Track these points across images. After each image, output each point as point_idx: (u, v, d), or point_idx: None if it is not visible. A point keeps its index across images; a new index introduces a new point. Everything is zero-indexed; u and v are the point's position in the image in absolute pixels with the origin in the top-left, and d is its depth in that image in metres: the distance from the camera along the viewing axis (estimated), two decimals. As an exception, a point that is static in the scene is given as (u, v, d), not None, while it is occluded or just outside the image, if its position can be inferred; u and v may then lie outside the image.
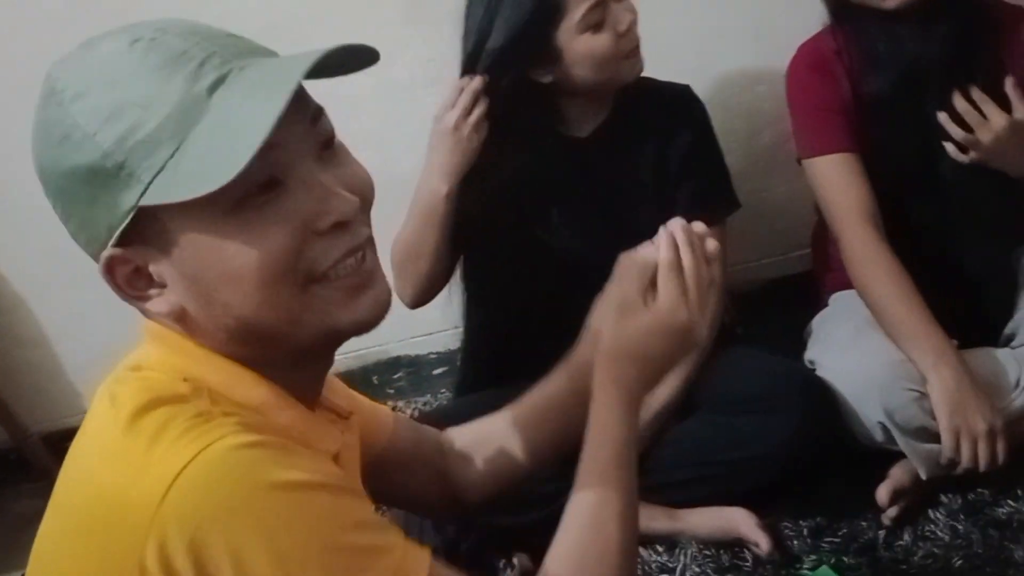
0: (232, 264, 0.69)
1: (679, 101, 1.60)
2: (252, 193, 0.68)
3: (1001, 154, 1.47)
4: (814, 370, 1.55)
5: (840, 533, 1.46)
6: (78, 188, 0.69)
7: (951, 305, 1.50)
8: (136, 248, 0.70)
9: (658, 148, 1.58)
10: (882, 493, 1.46)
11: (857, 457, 1.49)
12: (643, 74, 1.63)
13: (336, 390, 0.92)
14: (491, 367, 1.66)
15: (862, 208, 1.53)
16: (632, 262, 0.90)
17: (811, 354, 1.60)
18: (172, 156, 0.66)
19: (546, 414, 1.04)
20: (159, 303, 0.72)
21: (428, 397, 2.02)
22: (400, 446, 1.03)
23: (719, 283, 0.91)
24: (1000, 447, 1.39)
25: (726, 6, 1.83)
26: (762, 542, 1.42)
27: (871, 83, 1.53)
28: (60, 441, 0.73)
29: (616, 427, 0.86)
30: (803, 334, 1.69)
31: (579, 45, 1.44)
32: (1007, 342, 1.58)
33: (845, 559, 1.41)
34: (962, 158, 1.48)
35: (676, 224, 0.90)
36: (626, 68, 1.48)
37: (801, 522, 1.48)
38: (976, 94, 1.45)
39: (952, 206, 1.56)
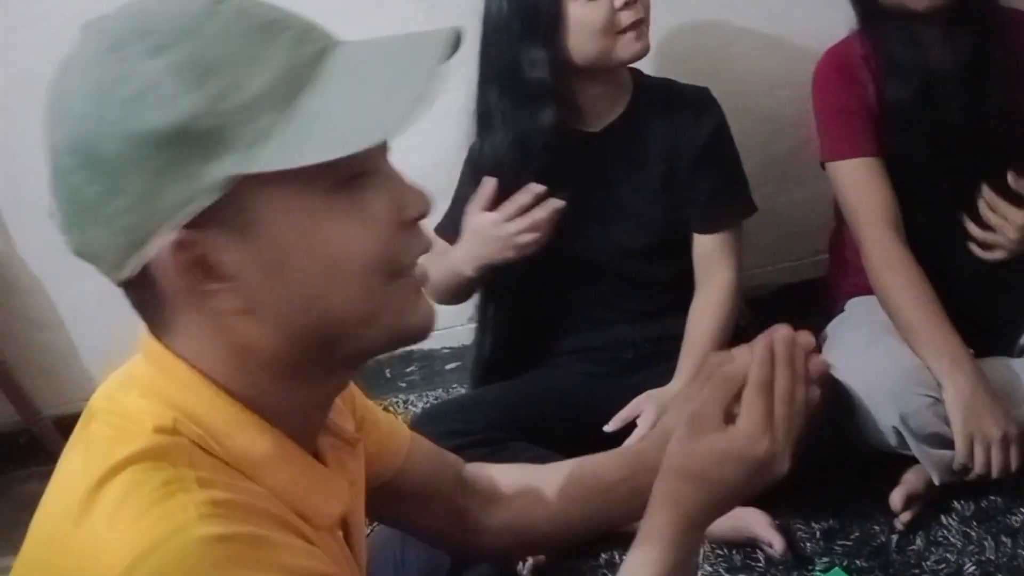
0: (332, 248, 0.63)
1: (696, 102, 1.61)
2: (347, 176, 0.63)
3: None
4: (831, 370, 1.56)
5: (852, 536, 1.47)
6: (147, 156, 0.59)
7: (967, 313, 1.51)
8: (207, 231, 0.60)
9: (671, 147, 1.59)
10: (895, 498, 1.47)
11: (871, 461, 1.49)
12: (663, 75, 1.65)
13: (350, 405, 0.86)
14: (505, 359, 1.68)
15: (885, 212, 1.54)
16: (720, 368, 0.77)
17: (827, 358, 1.59)
18: (276, 123, 0.60)
19: (589, 493, 0.95)
20: (227, 298, 0.63)
21: (440, 391, 2.03)
22: (413, 477, 0.94)
23: (814, 405, 0.78)
24: (1013, 454, 1.39)
25: (748, 11, 1.84)
26: (775, 543, 1.43)
27: (894, 89, 1.54)
28: (72, 424, 0.70)
29: (662, 555, 0.75)
30: (818, 339, 1.69)
31: (575, 11, 1.45)
32: (1022, 352, 1.59)
33: (857, 562, 1.42)
34: (988, 256, 1.52)
35: (779, 333, 0.77)
36: (622, 44, 1.48)
37: (814, 524, 1.49)
38: (992, 196, 1.50)
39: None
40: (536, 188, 1.47)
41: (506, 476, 0.99)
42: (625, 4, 1.44)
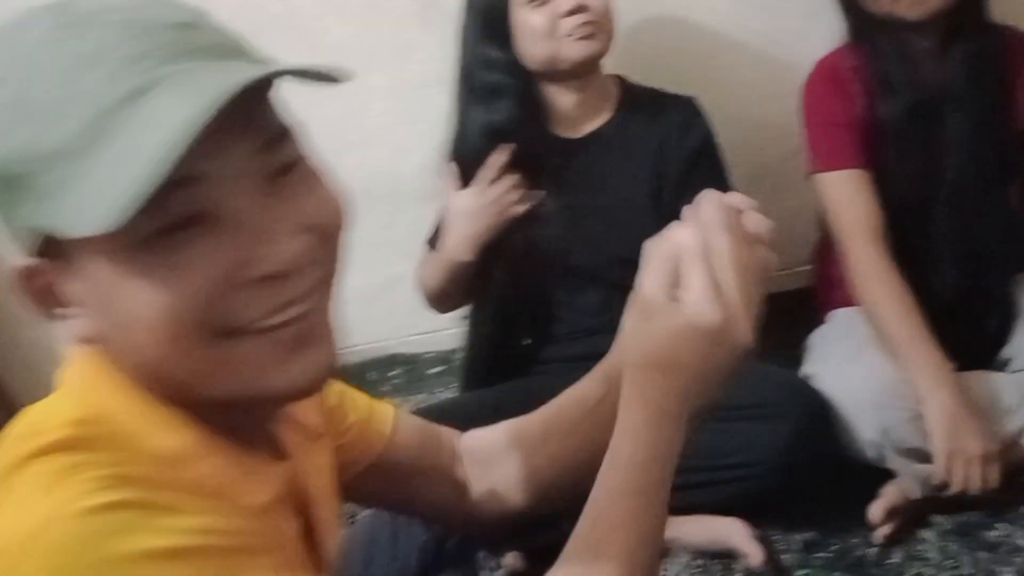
0: (132, 306, 0.58)
1: (682, 111, 1.61)
2: (170, 228, 0.57)
3: None
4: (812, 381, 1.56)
5: (832, 548, 1.47)
6: None
7: (950, 327, 1.51)
8: (53, 261, 0.60)
9: (659, 156, 1.59)
10: (875, 511, 1.47)
11: (851, 473, 1.49)
12: (651, 84, 1.65)
13: (317, 397, 0.83)
14: (492, 363, 1.68)
15: (870, 225, 1.54)
16: (657, 250, 0.73)
17: (809, 369, 1.61)
18: (73, 176, 0.55)
19: (578, 422, 0.92)
20: (74, 325, 0.62)
21: (424, 395, 2.02)
22: (402, 455, 0.92)
23: (768, 266, 0.72)
24: (992, 471, 1.40)
25: (739, 21, 1.84)
26: (754, 554, 1.43)
27: (884, 104, 1.55)
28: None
29: (638, 448, 0.71)
30: (801, 349, 1.70)
31: (521, 17, 1.49)
32: (1003, 366, 1.60)
33: (835, 574, 1.42)
34: None
35: (707, 199, 0.73)
36: (565, 48, 1.50)
37: (793, 535, 1.49)
38: None
39: (953, 232, 1.58)
40: (500, 159, 1.52)
41: (498, 434, 0.96)
42: (568, 12, 1.47)
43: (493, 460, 0.95)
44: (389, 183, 1.86)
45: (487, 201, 1.53)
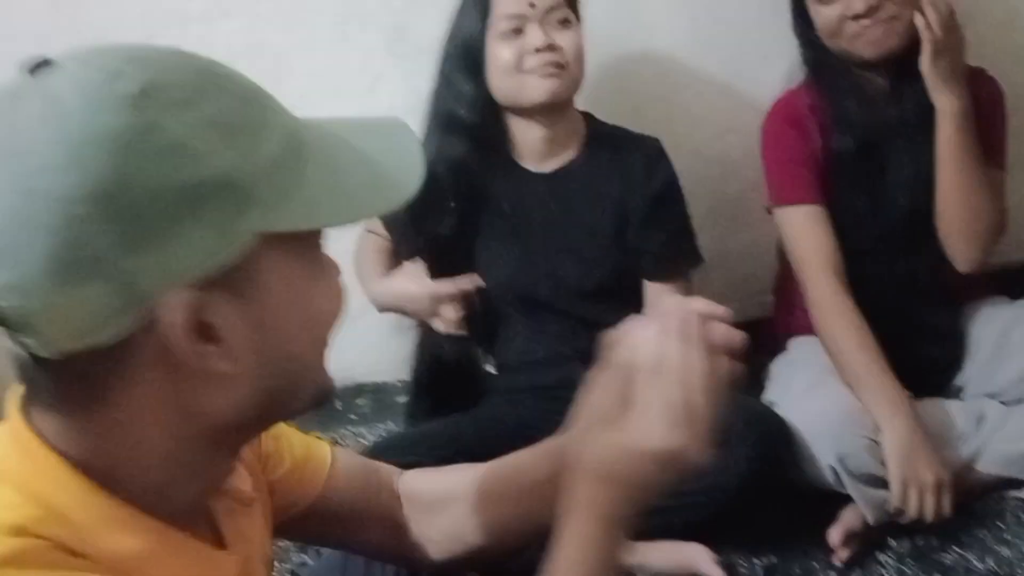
0: (313, 306, 0.66)
1: (647, 152, 1.64)
2: (319, 241, 0.67)
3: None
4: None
5: (792, 573, 1.49)
6: (178, 210, 0.56)
7: (905, 355, 1.56)
8: (208, 291, 0.59)
9: (623, 196, 1.62)
10: (833, 535, 1.49)
11: (811, 499, 1.52)
12: (617, 122, 1.69)
13: (255, 450, 0.83)
14: (445, 390, 1.69)
15: (827, 258, 1.58)
16: (615, 356, 0.72)
17: (769, 396, 1.65)
18: (291, 185, 0.61)
19: (518, 493, 0.91)
20: (214, 361, 0.60)
21: (390, 424, 2.02)
22: (340, 497, 0.91)
23: (731, 378, 0.70)
24: (946, 500, 1.44)
25: (700, 59, 1.89)
26: (718, 580, 1.44)
27: (839, 142, 1.60)
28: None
29: (587, 559, 0.71)
30: (761, 377, 1.74)
31: (491, 50, 1.52)
32: (956, 394, 1.65)
33: (796, 599, 1.45)
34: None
35: (672, 307, 0.72)
36: (529, 84, 1.53)
37: (755, 560, 1.51)
38: None
39: (906, 267, 1.63)
40: (472, 284, 1.58)
41: (439, 483, 0.97)
42: (536, 48, 1.50)
43: (436, 509, 0.94)
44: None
45: (430, 311, 1.59)
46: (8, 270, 0.56)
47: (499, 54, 1.52)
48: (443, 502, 0.94)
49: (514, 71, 1.52)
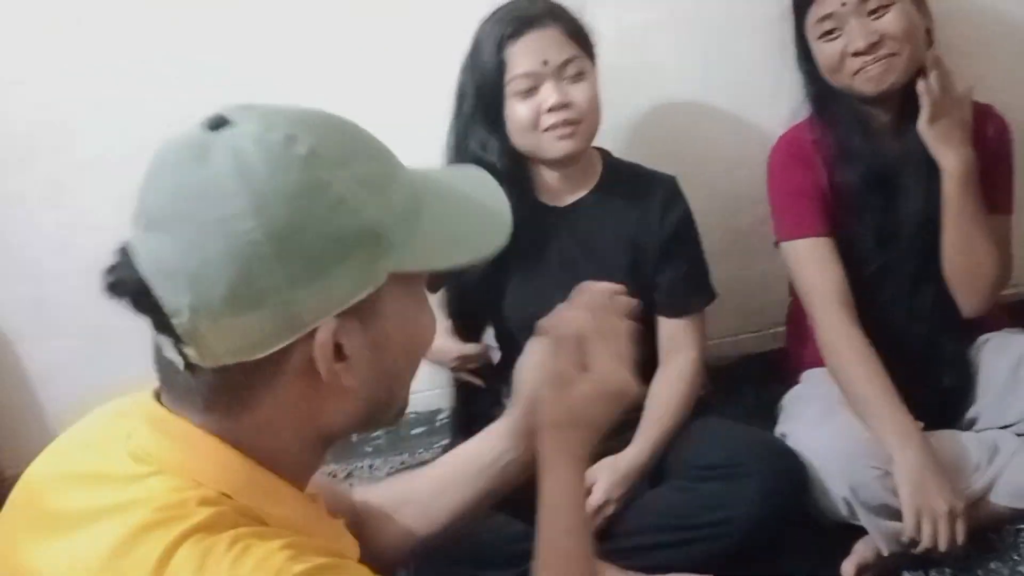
0: (419, 331, 0.79)
1: (663, 190, 1.66)
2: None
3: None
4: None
5: (807, 606, 1.49)
6: (341, 253, 0.69)
7: (916, 387, 1.56)
8: (345, 319, 0.71)
9: (638, 233, 1.64)
10: (847, 568, 1.50)
11: (824, 531, 1.53)
12: (631, 158, 1.72)
13: None
14: (482, 419, 1.70)
15: (836, 291, 1.59)
16: (555, 333, 0.96)
17: (782, 428, 1.65)
18: (416, 230, 0.73)
19: (474, 476, 1.05)
20: (344, 377, 0.73)
21: (406, 456, 2.04)
22: None
23: (629, 333, 0.96)
24: (960, 529, 1.43)
25: (710, 95, 1.91)
26: (730, 612, 1.44)
27: (844, 175, 1.62)
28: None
29: (570, 494, 0.92)
30: (775, 409, 1.74)
31: (511, 106, 1.54)
32: (970, 426, 1.64)
33: (810, 632, 1.45)
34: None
35: (590, 291, 0.99)
36: (545, 142, 1.55)
37: (769, 593, 1.51)
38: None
39: (915, 298, 1.64)
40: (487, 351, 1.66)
41: (390, 491, 1.10)
42: (549, 108, 1.52)
43: (386, 517, 1.07)
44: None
45: (453, 366, 1.67)
46: (192, 294, 0.67)
47: (517, 112, 1.54)
48: (396, 506, 1.07)
49: (532, 129, 1.54)
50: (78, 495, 0.72)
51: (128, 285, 0.69)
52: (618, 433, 1.63)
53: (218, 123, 0.71)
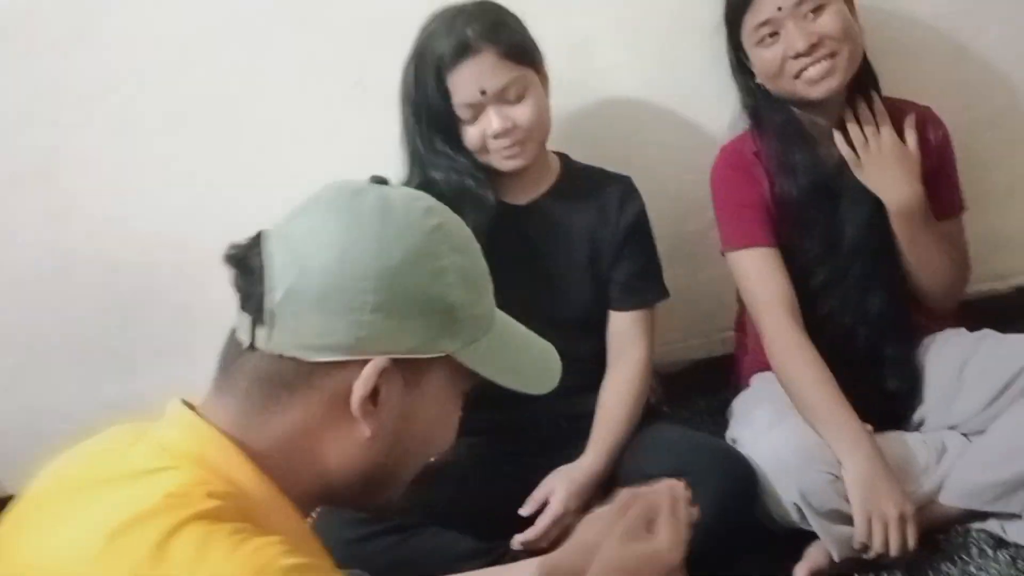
0: (446, 413, 0.85)
1: (620, 187, 1.68)
2: None
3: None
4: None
5: (759, 612, 1.49)
6: (421, 311, 0.79)
7: (864, 390, 1.57)
8: (395, 369, 0.78)
9: (595, 228, 1.65)
10: (800, 572, 1.50)
11: (776, 537, 1.52)
12: (586, 160, 1.73)
13: None
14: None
15: (781, 299, 1.60)
16: (637, 499, 1.05)
17: (732, 433, 1.65)
18: (482, 337, 0.84)
19: None
20: (371, 421, 0.79)
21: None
22: None
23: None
24: (910, 532, 1.44)
25: (658, 100, 1.91)
26: (685, 620, 1.44)
27: (784, 187, 1.63)
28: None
29: None
30: (726, 414, 1.75)
31: (461, 129, 1.55)
32: (917, 427, 1.66)
33: (763, 638, 1.44)
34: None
35: (677, 484, 1.08)
36: (496, 161, 1.57)
37: (721, 601, 1.51)
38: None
39: (862, 303, 1.65)
40: None
41: None
42: (493, 136, 1.53)
43: None
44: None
45: None
46: (296, 278, 0.76)
47: (467, 134, 1.55)
48: None
49: (482, 151, 1.56)
50: (87, 493, 0.75)
51: (247, 259, 0.78)
52: (570, 442, 1.62)
53: (381, 180, 0.86)
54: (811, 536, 1.52)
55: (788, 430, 1.54)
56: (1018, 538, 1.53)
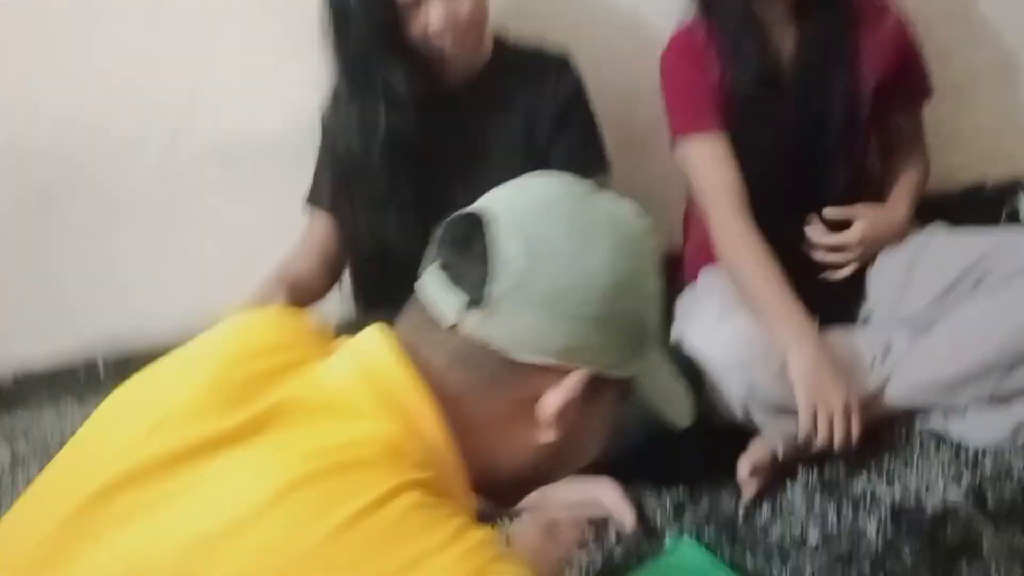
0: (601, 428, 0.83)
1: (555, 66, 1.64)
2: None
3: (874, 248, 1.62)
4: (680, 345, 1.57)
5: (701, 506, 1.48)
6: (627, 328, 0.78)
7: (811, 287, 1.55)
8: (587, 386, 0.77)
9: (531, 107, 1.61)
10: (742, 468, 1.48)
11: (720, 432, 1.50)
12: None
13: None
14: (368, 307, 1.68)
15: (730, 189, 1.57)
16: (548, 514, 1.28)
17: (678, 329, 1.62)
18: (652, 360, 0.83)
19: None
20: (555, 429, 0.78)
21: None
22: None
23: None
24: (855, 424, 1.43)
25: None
26: (627, 517, 1.42)
27: (733, 76, 1.57)
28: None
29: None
30: (672, 310, 1.71)
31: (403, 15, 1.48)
32: (864, 322, 1.64)
33: (706, 531, 1.43)
34: (842, 274, 1.62)
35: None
36: (436, 52, 1.51)
37: (664, 495, 1.49)
38: (820, 231, 1.61)
39: (811, 193, 1.62)
40: None
41: None
42: (433, 34, 1.48)
43: None
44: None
45: None
46: (525, 276, 0.74)
47: (408, 25, 1.49)
48: None
49: (425, 39, 1.50)
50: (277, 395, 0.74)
51: (470, 237, 0.77)
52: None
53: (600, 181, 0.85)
54: (755, 432, 1.50)
55: (734, 325, 1.52)
56: (960, 436, 1.53)
